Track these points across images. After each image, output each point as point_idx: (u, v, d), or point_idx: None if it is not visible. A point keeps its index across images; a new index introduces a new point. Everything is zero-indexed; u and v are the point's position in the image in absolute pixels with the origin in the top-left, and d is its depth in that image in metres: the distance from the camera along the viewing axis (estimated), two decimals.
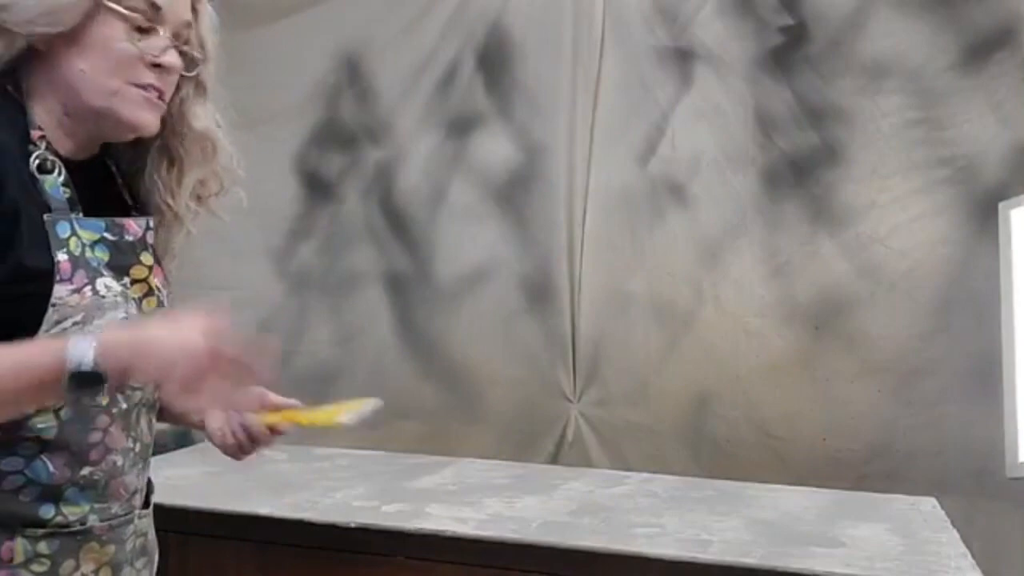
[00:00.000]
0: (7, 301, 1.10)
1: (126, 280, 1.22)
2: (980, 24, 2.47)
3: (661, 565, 1.71)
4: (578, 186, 2.79)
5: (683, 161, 2.71)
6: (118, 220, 1.23)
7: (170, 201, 1.29)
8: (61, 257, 1.13)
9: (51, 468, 1.17)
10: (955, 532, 1.93)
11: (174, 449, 2.59)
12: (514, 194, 2.86)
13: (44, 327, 1.12)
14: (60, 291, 1.13)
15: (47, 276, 1.12)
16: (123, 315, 1.18)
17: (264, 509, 1.98)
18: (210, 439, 1.41)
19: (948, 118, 2.50)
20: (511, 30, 2.85)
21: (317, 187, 3.04)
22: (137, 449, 1.27)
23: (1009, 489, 2.37)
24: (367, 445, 2.69)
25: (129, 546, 1.28)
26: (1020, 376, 2.27)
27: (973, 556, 1.75)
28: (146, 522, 1.33)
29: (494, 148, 2.87)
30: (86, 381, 1.05)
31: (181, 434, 2.57)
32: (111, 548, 1.24)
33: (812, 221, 2.61)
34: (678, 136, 2.72)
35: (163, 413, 1.37)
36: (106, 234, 1.20)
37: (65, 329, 1.13)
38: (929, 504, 2.19)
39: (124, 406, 1.23)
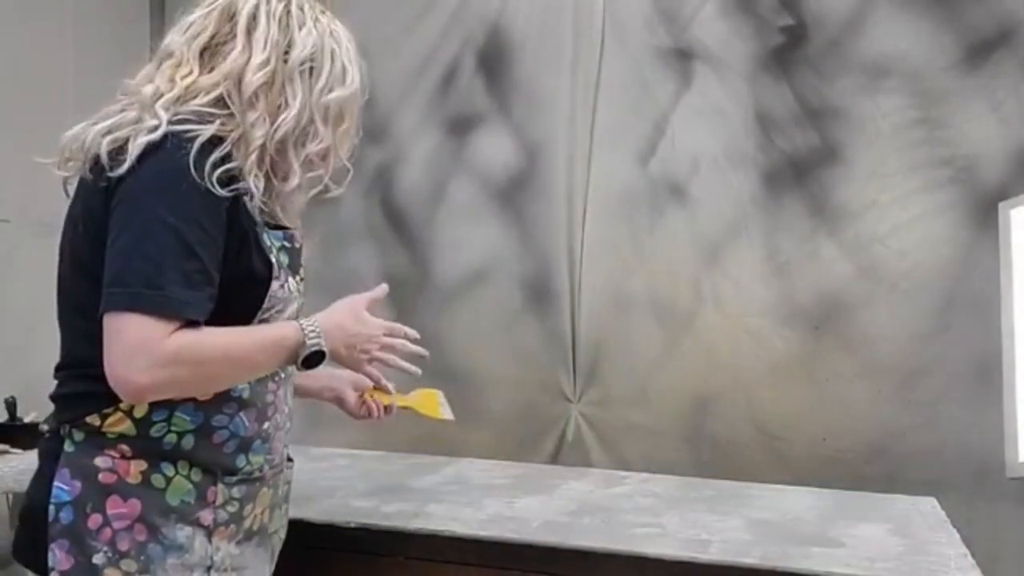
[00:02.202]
0: (242, 293, 1.39)
1: (298, 278, 1.52)
2: (980, 24, 2.47)
3: (661, 565, 1.71)
4: (578, 186, 2.79)
5: (683, 161, 2.71)
6: (289, 231, 1.51)
7: (295, 220, 1.56)
8: (274, 260, 1.43)
9: (247, 423, 1.45)
10: (955, 532, 1.93)
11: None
12: (514, 194, 2.86)
13: (260, 313, 1.41)
14: (274, 286, 1.42)
15: (267, 275, 1.41)
16: (296, 307, 1.49)
17: None
18: (346, 411, 1.90)
19: (948, 118, 2.50)
20: (511, 30, 2.85)
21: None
22: (286, 412, 1.55)
23: (1009, 489, 2.37)
24: (367, 445, 2.69)
25: (281, 491, 1.57)
26: (1020, 376, 2.27)
27: (973, 556, 1.75)
28: (290, 472, 1.61)
29: (494, 148, 2.87)
30: (318, 356, 1.44)
31: None
32: (271, 492, 1.52)
33: (812, 221, 2.61)
34: (678, 136, 2.72)
35: (298, 389, 1.66)
36: (284, 242, 1.48)
37: (271, 316, 1.43)
38: (929, 504, 2.18)
39: (283, 375, 1.53)
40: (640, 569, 1.72)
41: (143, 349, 1.26)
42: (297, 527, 1.90)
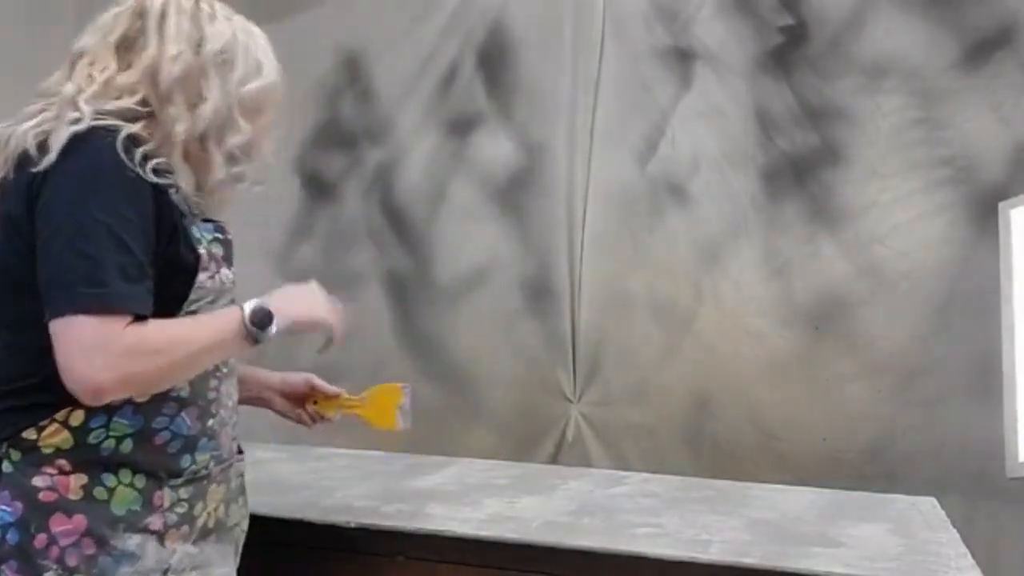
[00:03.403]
0: (170, 284, 1.37)
1: (233, 270, 1.50)
2: (980, 24, 2.47)
3: (661, 565, 1.71)
4: (578, 186, 2.79)
5: (683, 161, 2.71)
6: (220, 223, 1.50)
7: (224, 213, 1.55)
8: (202, 251, 1.41)
9: (189, 422, 1.43)
10: (955, 532, 1.93)
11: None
12: (514, 194, 2.86)
13: (186, 305, 1.39)
14: (201, 277, 1.41)
15: (193, 265, 1.40)
16: (230, 298, 1.47)
17: (264, 509, 1.98)
18: (280, 414, 1.86)
19: (948, 118, 2.50)
20: (511, 30, 2.85)
21: (317, 187, 3.04)
22: (231, 405, 1.54)
23: (1009, 489, 2.37)
24: (367, 445, 2.69)
25: (233, 485, 1.55)
26: (1020, 376, 2.27)
27: (973, 556, 1.75)
28: (242, 465, 1.59)
29: (494, 148, 2.87)
30: (261, 313, 1.40)
31: None
32: (223, 488, 1.51)
33: (812, 221, 2.61)
34: (678, 136, 2.72)
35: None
36: (217, 234, 1.47)
37: (200, 307, 1.41)
38: (929, 504, 2.18)
39: (226, 371, 1.51)
40: (640, 569, 1.72)
41: (99, 348, 1.26)
42: (297, 527, 1.91)
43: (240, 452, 1.60)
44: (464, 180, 2.90)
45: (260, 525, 1.96)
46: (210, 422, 1.47)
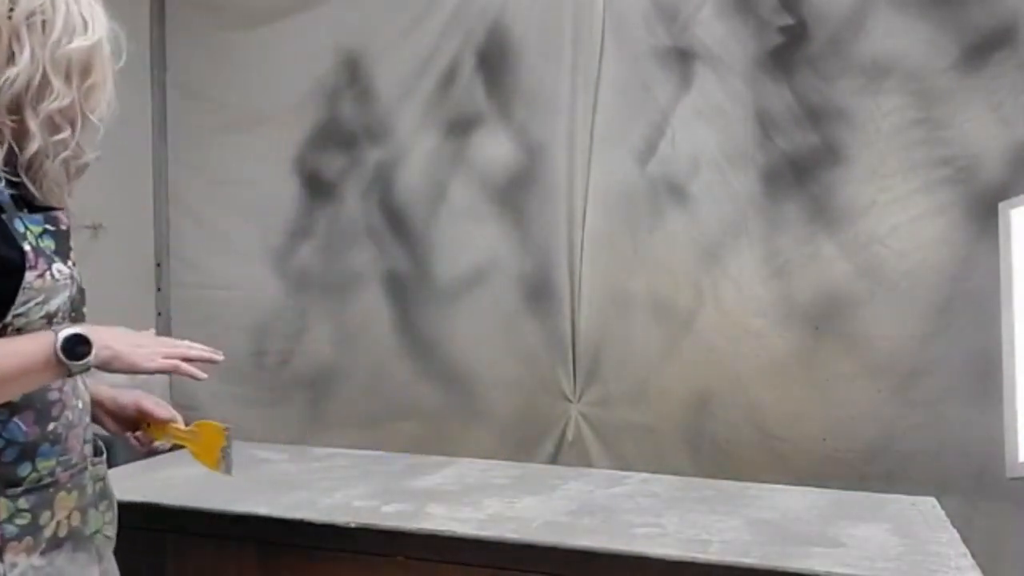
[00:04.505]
0: None
1: (70, 263, 1.38)
2: (980, 24, 2.47)
3: (661, 565, 1.71)
4: (578, 186, 2.79)
5: (683, 161, 2.71)
6: (51, 213, 1.38)
7: (64, 199, 1.43)
8: (26, 247, 1.30)
9: (24, 427, 1.33)
10: (955, 532, 1.93)
11: (173, 449, 2.58)
12: (514, 194, 2.86)
13: (13, 308, 1.28)
14: (28, 276, 1.29)
15: (18, 265, 1.29)
16: (68, 295, 1.36)
17: (264, 509, 1.98)
18: (111, 434, 1.64)
19: (948, 118, 2.50)
20: (511, 30, 2.85)
21: (317, 187, 3.04)
22: (80, 406, 1.44)
23: (1009, 489, 2.37)
24: (367, 445, 2.69)
25: (90, 490, 1.45)
26: (1020, 376, 2.27)
27: (973, 556, 1.75)
28: (101, 469, 1.49)
29: (494, 148, 2.87)
30: (77, 342, 1.28)
31: None
32: (75, 494, 1.41)
33: (812, 221, 2.61)
34: (678, 136, 2.72)
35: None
36: (47, 226, 1.36)
37: (29, 309, 1.30)
38: (929, 504, 2.18)
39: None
40: (640, 569, 1.72)
41: None
42: (297, 527, 1.91)
43: (99, 454, 1.50)
44: (464, 180, 2.90)
45: (260, 525, 1.96)
46: (51, 426, 1.36)
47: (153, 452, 1.69)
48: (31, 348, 1.28)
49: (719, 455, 2.65)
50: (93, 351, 1.30)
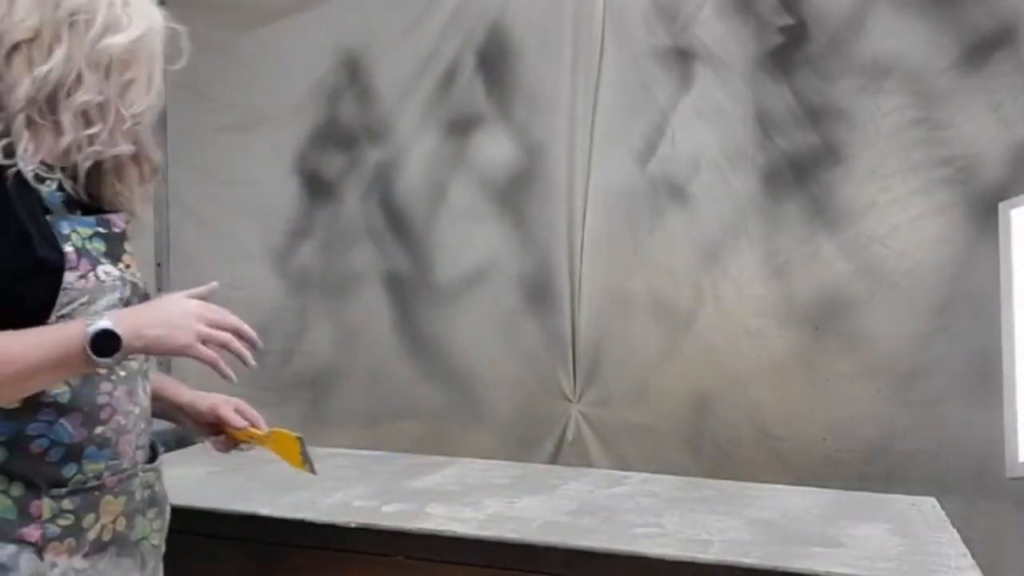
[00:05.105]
0: (26, 289, 1.30)
1: (121, 266, 1.42)
2: (980, 24, 2.47)
3: (661, 565, 1.71)
4: (578, 186, 2.79)
5: (683, 161, 2.71)
6: (104, 216, 1.43)
7: (129, 201, 1.49)
8: (68, 249, 1.33)
9: (70, 429, 1.35)
10: (955, 532, 1.93)
11: (174, 449, 2.58)
12: (514, 194, 2.86)
13: (56, 310, 1.31)
14: (69, 277, 1.33)
15: (58, 266, 1.32)
16: (119, 296, 1.39)
17: (264, 509, 1.98)
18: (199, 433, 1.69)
19: (948, 118, 2.50)
20: (511, 30, 2.85)
21: (317, 187, 3.04)
22: (137, 412, 1.45)
23: (1009, 489, 2.37)
24: (367, 445, 2.69)
25: (138, 497, 1.46)
26: (1020, 376, 2.27)
27: (973, 556, 1.75)
28: (151, 476, 1.50)
29: (494, 148, 2.87)
30: (106, 337, 1.26)
31: (181, 435, 2.57)
32: (123, 499, 1.42)
33: (812, 221, 2.61)
34: (678, 136, 2.72)
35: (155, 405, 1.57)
36: (98, 228, 1.40)
37: (73, 310, 1.32)
38: (929, 504, 2.19)
39: (123, 374, 1.42)
40: (640, 569, 1.72)
41: None
42: (298, 527, 1.91)
43: (151, 461, 1.52)
44: (464, 180, 2.90)
45: (260, 525, 1.96)
46: (99, 429, 1.38)
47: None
48: (61, 340, 1.27)
49: (719, 455, 2.65)
50: (123, 345, 1.28)
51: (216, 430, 1.66)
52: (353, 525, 1.87)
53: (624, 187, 2.76)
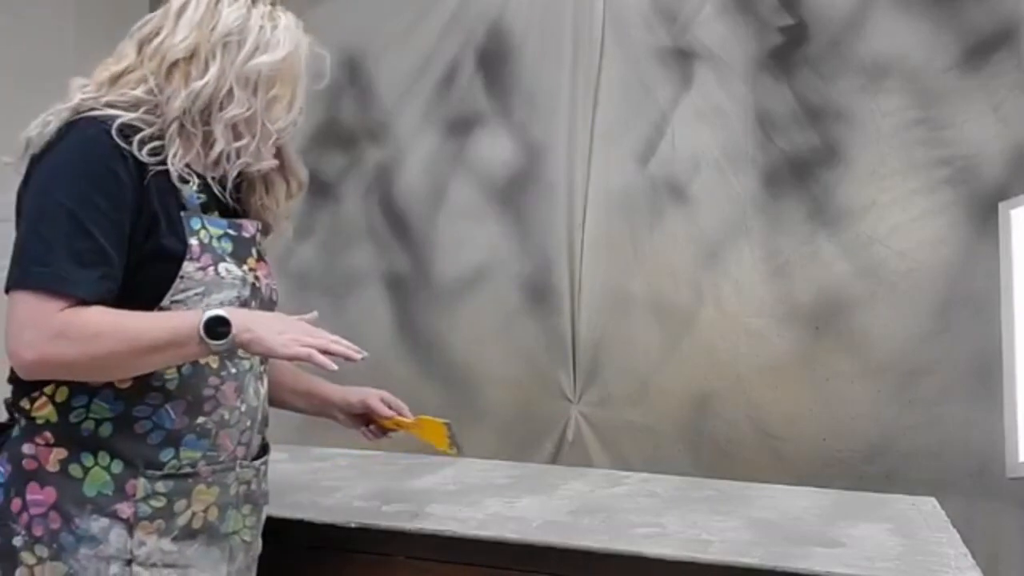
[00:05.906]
0: (148, 273, 1.39)
1: (246, 268, 1.51)
2: (980, 24, 2.47)
3: (661, 565, 1.71)
4: (578, 186, 2.79)
5: (683, 161, 2.71)
6: (237, 221, 1.53)
7: (273, 214, 1.63)
8: (193, 242, 1.43)
9: (173, 415, 1.43)
10: (955, 532, 1.93)
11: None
12: (514, 194, 2.86)
13: (171, 294, 1.40)
14: (188, 267, 1.41)
15: (180, 255, 1.41)
16: (236, 294, 1.47)
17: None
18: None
19: (948, 118, 2.50)
20: (511, 30, 2.85)
21: (317, 187, 3.03)
22: (243, 409, 1.52)
23: (1009, 489, 2.37)
24: (367, 445, 2.69)
25: (232, 491, 1.52)
26: (1020, 376, 2.27)
27: (973, 556, 1.75)
28: (248, 472, 1.55)
29: (494, 148, 2.87)
30: (218, 323, 1.34)
31: None
32: (216, 491, 1.48)
33: (812, 221, 2.61)
34: (678, 136, 2.72)
35: (300, 400, 1.83)
36: (228, 230, 1.50)
37: (188, 298, 1.41)
38: (929, 504, 2.18)
39: (234, 371, 1.49)
40: (640, 569, 1.72)
41: (30, 325, 1.30)
42: (297, 527, 1.91)
43: (258, 458, 1.59)
44: (464, 180, 2.90)
45: None
46: (201, 419, 1.45)
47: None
48: (178, 323, 1.36)
49: (719, 455, 2.65)
50: (232, 331, 1.35)
51: (367, 420, 1.85)
52: (353, 525, 1.87)
53: (624, 187, 2.76)
